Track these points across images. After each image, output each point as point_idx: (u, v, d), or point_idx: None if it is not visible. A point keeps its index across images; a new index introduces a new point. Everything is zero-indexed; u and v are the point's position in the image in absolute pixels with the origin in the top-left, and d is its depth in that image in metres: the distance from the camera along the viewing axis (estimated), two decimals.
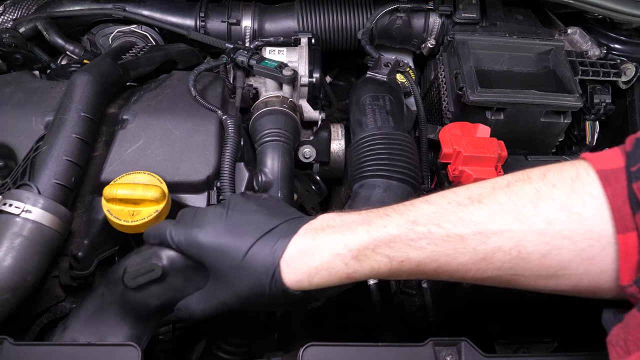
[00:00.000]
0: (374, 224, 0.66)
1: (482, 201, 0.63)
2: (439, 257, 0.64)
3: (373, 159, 0.97)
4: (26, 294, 0.83)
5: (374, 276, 0.69)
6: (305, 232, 0.69)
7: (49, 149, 0.92)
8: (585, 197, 0.59)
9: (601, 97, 1.28)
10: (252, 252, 0.68)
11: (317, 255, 0.67)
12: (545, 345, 1.08)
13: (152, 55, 1.22)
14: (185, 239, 0.73)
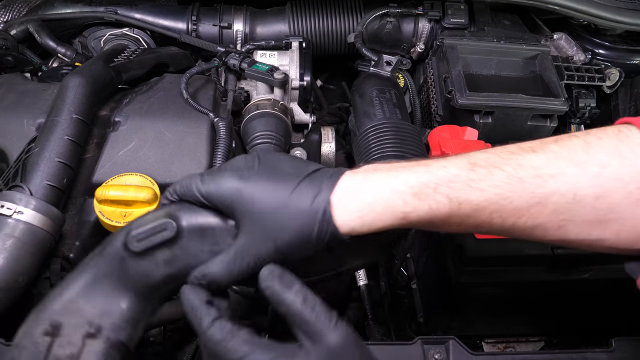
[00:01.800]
0: (432, 165, 0.64)
1: (536, 150, 0.64)
2: (497, 200, 0.63)
3: (384, 143, 0.95)
4: (17, 295, 0.83)
5: (429, 219, 0.64)
6: (354, 173, 0.65)
7: (41, 150, 0.92)
8: (633, 146, 0.61)
9: (586, 102, 1.30)
10: (299, 190, 0.62)
11: (373, 191, 0.62)
12: (532, 344, 1.10)
13: (144, 58, 1.23)
14: (216, 185, 0.64)
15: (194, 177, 0.66)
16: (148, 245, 0.63)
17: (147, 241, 0.63)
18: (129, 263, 0.64)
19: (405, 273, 1.26)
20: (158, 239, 0.63)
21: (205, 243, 0.65)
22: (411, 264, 1.23)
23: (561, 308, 1.04)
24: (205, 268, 0.64)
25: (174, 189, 0.68)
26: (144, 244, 0.63)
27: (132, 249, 0.63)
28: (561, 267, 0.93)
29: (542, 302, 1.01)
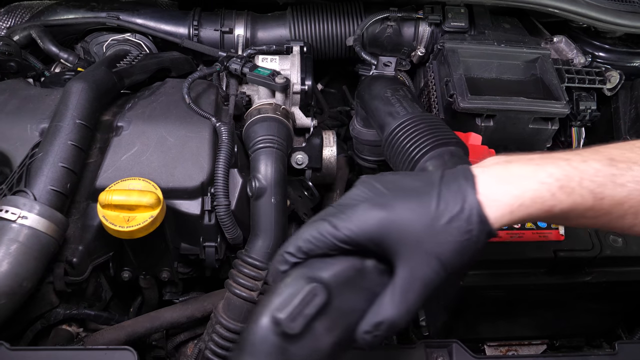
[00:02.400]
0: (572, 159, 0.62)
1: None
2: (637, 196, 0.61)
3: (423, 135, 0.90)
4: (22, 300, 0.83)
5: (568, 212, 0.62)
6: (484, 167, 0.62)
7: (45, 155, 0.93)
8: None
9: (587, 104, 1.31)
10: (444, 201, 0.59)
11: (520, 184, 0.60)
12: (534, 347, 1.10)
13: (146, 63, 1.23)
14: (358, 224, 0.59)
15: (313, 229, 0.60)
16: (305, 320, 0.55)
17: (302, 317, 0.55)
18: (292, 350, 0.56)
19: None
20: (312, 309, 0.55)
21: (357, 292, 0.60)
22: None
23: (563, 311, 1.05)
24: (375, 317, 0.59)
25: (298, 248, 0.61)
26: (300, 322, 0.55)
27: (291, 332, 0.55)
28: (563, 270, 0.93)
29: (544, 305, 1.01)
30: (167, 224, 0.98)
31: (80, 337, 1.05)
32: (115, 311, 1.16)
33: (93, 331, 1.07)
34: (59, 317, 1.01)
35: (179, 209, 1.02)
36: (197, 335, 1.19)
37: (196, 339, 1.20)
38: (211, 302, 1.12)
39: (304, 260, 0.60)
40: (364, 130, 1.25)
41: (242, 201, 1.07)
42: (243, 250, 1.03)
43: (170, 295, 1.21)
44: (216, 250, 1.07)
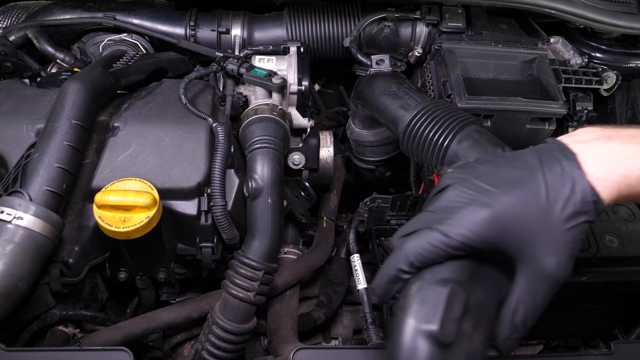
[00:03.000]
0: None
1: None
2: None
3: (445, 120, 0.90)
4: (18, 301, 0.83)
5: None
6: (590, 141, 0.62)
7: (40, 156, 0.92)
8: None
9: (583, 104, 1.31)
10: (552, 188, 0.58)
11: (627, 164, 0.59)
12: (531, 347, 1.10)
13: (142, 63, 1.23)
14: (469, 228, 0.57)
15: (421, 240, 0.59)
16: (456, 325, 0.54)
17: (452, 322, 0.54)
18: (451, 358, 0.54)
19: None
20: (458, 311, 0.55)
21: (484, 284, 0.59)
22: None
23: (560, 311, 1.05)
24: (508, 323, 0.59)
25: (409, 263, 0.59)
26: (452, 327, 0.54)
27: (447, 340, 0.53)
28: None
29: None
30: (163, 225, 0.98)
31: (76, 338, 1.05)
32: (112, 312, 1.16)
33: (89, 332, 1.07)
34: (55, 318, 1.00)
35: (175, 209, 1.01)
36: (194, 336, 1.19)
37: (193, 340, 1.20)
38: (208, 303, 1.12)
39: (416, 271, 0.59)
40: (365, 132, 1.25)
41: (239, 202, 1.07)
42: (240, 251, 1.02)
43: (167, 296, 1.21)
44: (213, 251, 1.07)
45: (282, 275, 1.19)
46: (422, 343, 0.53)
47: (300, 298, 1.27)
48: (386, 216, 1.35)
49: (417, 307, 0.55)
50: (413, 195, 1.29)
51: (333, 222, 1.41)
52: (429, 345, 0.53)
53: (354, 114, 1.26)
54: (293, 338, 1.12)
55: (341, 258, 1.35)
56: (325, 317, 1.25)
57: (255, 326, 1.04)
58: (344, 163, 1.52)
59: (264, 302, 1.05)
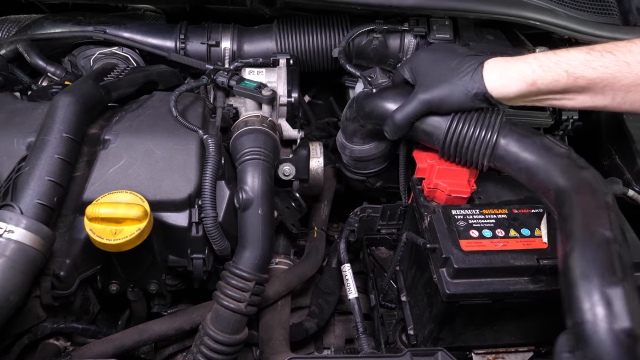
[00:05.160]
0: (559, 50, 0.89)
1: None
2: (607, 78, 0.84)
3: (483, 121, 0.99)
4: (9, 314, 0.83)
5: (552, 88, 0.89)
6: (495, 64, 0.94)
7: (31, 169, 0.93)
8: None
9: (569, 114, 1.33)
10: (464, 61, 0.97)
11: (510, 63, 0.92)
12: (521, 354, 1.11)
13: (133, 76, 1.24)
14: (412, 60, 1.06)
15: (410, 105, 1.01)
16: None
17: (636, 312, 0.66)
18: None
19: (395, 286, 1.27)
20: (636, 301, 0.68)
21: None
22: (400, 276, 1.24)
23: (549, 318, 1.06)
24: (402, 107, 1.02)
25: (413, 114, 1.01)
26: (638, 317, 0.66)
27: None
28: (547, 277, 0.95)
29: (529, 312, 1.02)
30: (154, 237, 0.98)
31: (67, 351, 1.05)
32: (103, 324, 1.16)
33: (81, 345, 1.07)
34: (46, 331, 1.00)
35: (166, 221, 1.02)
36: (186, 347, 1.19)
37: (185, 351, 1.20)
38: (199, 314, 1.12)
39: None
40: (367, 147, 1.25)
41: (230, 213, 1.08)
42: (231, 262, 1.03)
43: (158, 307, 1.21)
44: (204, 262, 1.07)
45: (274, 285, 1.20)
46: (623, 341, 0.62)
47: (292, 308, 1.28)
48: (377, 225, 1.36)
49: (606, 312, 0.65)
50: (403, 204, 1.30)
51: (324, 232, 1.42)
52: (628, 341, 0.62)
53: (354, 132, 1.24)
54: (285, 348, 1.13)
55: (332, 268, 1.35)
56: (317, 327, 1.25)
57: (246, 337, 1.04)
58: (334, 173, 1.53)
59: (255, 313, 1.05)
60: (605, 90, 0.87)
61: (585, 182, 0.84)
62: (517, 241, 0.97)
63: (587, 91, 0.88)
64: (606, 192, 0.82)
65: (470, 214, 1.02)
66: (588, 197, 0.81)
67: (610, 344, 0.63)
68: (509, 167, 0.97)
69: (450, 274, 0.94)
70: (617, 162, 1.30)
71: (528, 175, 0.93)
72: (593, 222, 0.75)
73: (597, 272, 0.69)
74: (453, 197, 1.06)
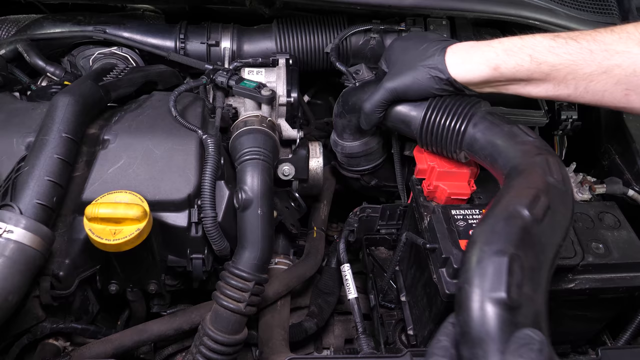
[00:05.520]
0: (524, 36, 0.90)
1: (614, 30, 0.85)
2: (570, 65, 0.85)
3: (456, 108, 0.99)
4: (8, 314, 0.83)
5: (515, 73, 0.89)
6: (458, 49, 0.95)
7: (31, 169, 0.93)
8: None
9: (568, 114, 1.33)
10: (430, 71, 0.96)
11: (475, 47, 0.93)
12: None
13: (132, 76, 1.24)
14: (386, 50, 1.09)
15: (378, 93, 1.03)
16: (518, 289, 0.63)
17: (515, 287, 0.62)
18: (519, 319, 0.62)
19: (394, 286, 1.27)
20: (518, 277, 0.64)
21: (539, 256, 0.71)
22: (400, 276, 1.24)
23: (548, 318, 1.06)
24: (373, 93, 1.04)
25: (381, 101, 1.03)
26: (516, 291, 0.62)
27: (514, 305, 0.61)
28: None
29: None
30: (154, 237, 0.98)
31: (67, 351, 1.05)
32: (103, 324, 1.16)
33: (80, 345, 1.07)
34: (45, 331, 1.00)
35: (165, 221, 1.02)
36: (185, 347, 1.19)
37: (184, 352, 1.20)
38: (199, 314, 1.12)
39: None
40: (357, 143, 1.25)
41: (229, 213, 1.08)
42: (230, 262, 1.03)
43: (157, 307, 1.21)
44: (203, 262, 1.07)
45: (273, 285, 1.20)
46: (493, 310, 0.60)
47: (291, 308, 1.28)
48: (376, 225, 1.36)
49: (483, 279, 0.63)
50: (402, 204, 1.30)
51: (323, 232, 1.42)
52: (500, 311, 0.60)
53: (343, 128, 1.25)
54: (284, 348, 1.13)
55: (332, 268, 1.35)
56: (316, 327, 1.25)
57: (246, 337, 1.04)
58: (333, 173, 1.53)
59: (254, 313, 1.05)
60: (568, 79, 0.87)
61: (532, 164, 0.81)
62: None
63: (550, 78, 0.88)
64: (553, 177, 0.78)
65: (470, 214, 1.02)
66: (525, 178, 0.78)
67: (481, 310, 0.61)
68: (477, 155, 0.96)
69: (450, 274, 0.94)
70: (617, 161, 1.30)
71: (491, 162, 0.92)
72: (514, 199, 0.73)
73: (490, 240, 0.67)
74: (453, 198, 1.06)
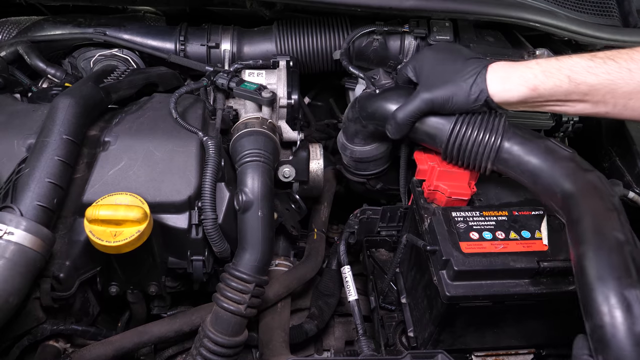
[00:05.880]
0: (561, 57, 0.91)
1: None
2: (608, 85, 0.85)
3: (486, 124, 0.99)
4: (8, 316, 0.83)
5: (553, 94, 0.90)
6: (498, 67, 0.96)
7: (31, 171, 0.93)
8: None
9: (569, 116, 1.33)
10: (472, 88, 0.95)
11: (514, 67, 0.93)
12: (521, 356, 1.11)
13: (133, 78, 1.24)
14: (415, 59, 1.07)
15: (412, 104, 1.01)
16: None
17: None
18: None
19: (395, 288, 1.27)
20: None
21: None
22: (400, 278, 1.24)
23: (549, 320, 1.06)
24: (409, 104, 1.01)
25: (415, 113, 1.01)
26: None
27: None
28: (547, 280, 0.95)
29: (530, 315, 1.02)
30: (154, 238, 0.98)
31: (67, 352, 1.05)
32: (103, 326, 1.15)
33: (80, 347, 1.07)
34: (45, 332, 1.00)
35: (166, 223, 1.02)
36: (186, 349, 1.19)
37: (184, 353, 1.20)
38: (199, 316, 1.12)
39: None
40: (368, 148, 1.25)
41: (230, 215, 1.08)
42: (230, 264, 1.03)
43: (158, 309, 1.21)
44: (204, 264, 1.07)
45: (273, 287, 1.20)
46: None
47: (292, 310, 1.28)
48: (376, 227, 1.36)
49: (626, 316, 0.66)
50: (403, 206, 1.30)
51: (324, 234, 1.42)
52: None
53: (355, 133, 1.23)
54: (285, 350, 1.13)
55: (332, 270, 1.35)
56: (316, 329, 1.25)
57: (246, 339, 1.04)
58: (334, 175, 1.53)
59: (255, 315, 1.05)
60: (607, 98, 0.87)
61: (591, 185, 0.84)
62: (517, 243, 0.97)
63: (589, 97, 0.88)
64: (612, 194, 0.82)
65: (471, 216, 1.02)
66: (596, 200, 0.81)
67: (630, 347, 0.64)
68: (512, 170, 0.97)
69: (450, 276, 0.94)
70: (618, 164, 1.30)
71: (532, 179, 0.93)
72: (604, 224, 0.76)
73: (613, 274, 0.70)
74: (453, 199, 1.06)
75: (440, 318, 0.99)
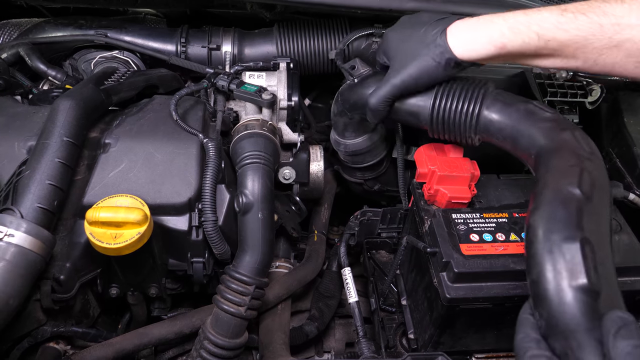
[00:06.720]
0: (530, 10, 0.85)
1: (625, 0, 0.79)
2: (579, 41, 0.81)
3: (465, 92, 0.96)
4: (9, 318, 0.83)
5: (522, 51, 0.86)
6: (464, 19, 0.91)
7: (32, 173, 0.93)
8: None
9: (569, 117, 1.33)
10: (427, 29, 0.93)
11: (477, 26, 0.88)
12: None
13: (134, 80, 1.24)
14: (382, 43, 1.04)
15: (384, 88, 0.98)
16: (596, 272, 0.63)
17: (593, 270, 0.63)
18: (600, 305, 0.61)
19: (395, 289, 1.27)
20: (593, 259, 0.64)
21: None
22: (401, 280, 1.24)
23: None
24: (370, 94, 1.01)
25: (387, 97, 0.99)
26: (595, 275, 0.62)
27: (597, 288, 0.62)
28: None
29: None
30: (154, 240, 0.98)
31: (67, 354, 1.05)
32: (103, 328, 1.16)
33: (81, 348, 1.07)
34: (46, 334, 1.00)
35: (166, 225, 1.02)
36: (186, 351, 1.19)
37: (185, 355, 1.20)
38: (199, 318, 1.12)
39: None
40: (360, 139, 1.25)
41: (230, 217, 1.08)
42: (231, 266, 1.03)
43: (158, 311, 1.21)
44: (204, 266, 1.07)
45: (274, 289, 1.20)
46: (577, 298, 0.60)
47: (292, 312, 1.28)
48: (377, 229, 1.36)
49: (559, 268, 0.62)
50: (403, 208, 1.30)
51: (324, 236, 1.42)
52: (584, 298, 0.60)
53: (344, 126, 1.25)
54: (285, 352, 1.13)
55: (332, 271, 1.35)
56: (317, 331, 1.25)
57: (246, 341, 1.04)
58: (334, 177, 1.53)
59: (255, 317, 1.05)
60: (577, 53, 0.84)
61: (563, 142, 0.80)
62: (517, 245, 0.97)
63: (559, 53, 0.85)
64: (586, 150, 0.78)
65: (471, 217, 1.02)
66: (563, 156, 0.77)
67: (565, 301, 0.60)
68: (495, 138, 0.93)
69: (450, 278, 0.94)
70: (618, 165, 1.30)
71: (512, 143, 0.90)
72: (562, 180, 0.72)
73: (555, 227, 0.66)
74: (454, 202, 1.06)
75: (441, 320, 0.99)
